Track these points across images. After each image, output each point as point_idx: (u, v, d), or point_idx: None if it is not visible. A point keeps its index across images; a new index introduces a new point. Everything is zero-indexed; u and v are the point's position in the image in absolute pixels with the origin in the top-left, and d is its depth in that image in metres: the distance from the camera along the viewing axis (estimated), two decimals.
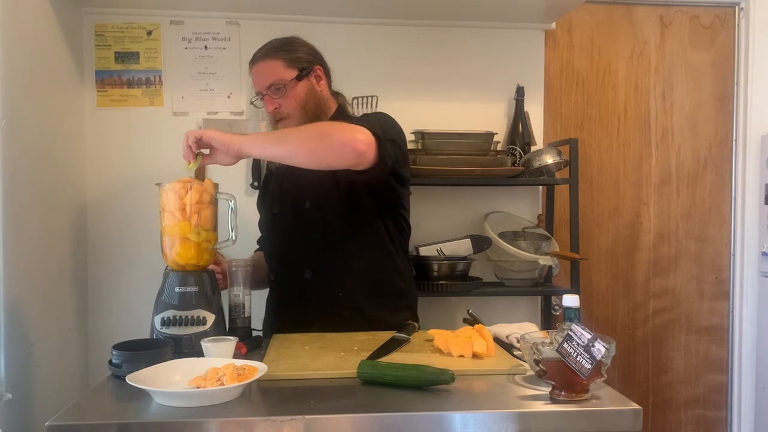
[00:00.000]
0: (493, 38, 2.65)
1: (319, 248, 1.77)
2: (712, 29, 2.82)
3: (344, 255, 1.77)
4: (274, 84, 1.78)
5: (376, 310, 1.75)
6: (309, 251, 1.78)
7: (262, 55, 1.82)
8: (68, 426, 1.09)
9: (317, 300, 1.77)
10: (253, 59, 1.84)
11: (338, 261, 1.76)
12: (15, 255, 1.82)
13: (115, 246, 2.49)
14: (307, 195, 1.78)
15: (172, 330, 1.51)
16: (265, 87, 1.79)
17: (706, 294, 2.87)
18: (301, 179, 1.76)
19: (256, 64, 1.82)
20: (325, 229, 1.77)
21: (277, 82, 1.78)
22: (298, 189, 1.80)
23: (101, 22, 2.47)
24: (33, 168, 1.98)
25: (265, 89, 1.79)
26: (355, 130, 1.54)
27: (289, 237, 1.83)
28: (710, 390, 2.88)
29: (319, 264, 1.77)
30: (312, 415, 1.10)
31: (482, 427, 1.11)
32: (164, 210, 1.58)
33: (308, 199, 1.78)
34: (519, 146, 2.57)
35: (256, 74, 1.83)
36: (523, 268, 2.48)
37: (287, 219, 1.83)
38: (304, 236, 1.79)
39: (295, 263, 1.80)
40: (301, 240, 1.80)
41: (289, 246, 1.83)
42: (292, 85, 1.78)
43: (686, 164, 2.84)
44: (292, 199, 1.82)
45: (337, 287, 1.76)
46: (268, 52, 1.82)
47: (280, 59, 1.80)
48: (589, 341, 1.15)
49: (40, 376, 2.00)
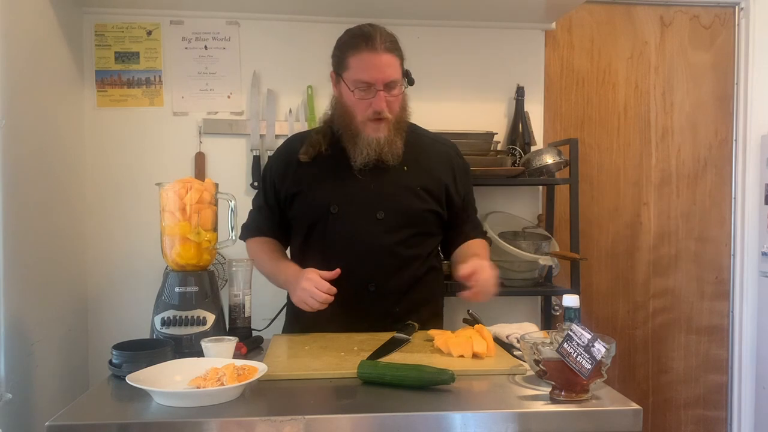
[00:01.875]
0: (493, 38, 2.65)
1: (385, 261, 1.71)
2: (712, 29, 2.83)
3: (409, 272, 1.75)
4: (394, 82, 1.64)
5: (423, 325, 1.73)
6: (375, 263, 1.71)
7: (386, 47, 1.63)
8: (68, 426, 1.09)
9: (372, 312, 1.72)
10: (373, 44, 1.61)
11: (403, 278, 1.74)
12: (15, 255, 1.82)
13: (115, 246, 2.49)
14: (382, 205, 1.71)
15: (172, 330, 1.50)
16: (384, 82, 1.62)
17: (706, 294, 2.87)
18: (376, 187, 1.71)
19: (379, 53, 1.61)
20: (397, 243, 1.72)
21: (396, 82, 1.65)
22: (374, 196, 1.71)
23: (101, 22, 2.48)
24: (33, 168, 1.98)
25: (382, 84, 1.63)
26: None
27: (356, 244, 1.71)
28: (710, 390, 2.88)
29: (386, 279, 1.72)
30: (312, 415, 1.10)
31: (482, 427, 1.11)
32: (164, 210, 1.58)
33: (382, 209, 1.71)
34: (519, 146, 2.57)
35: (374, 63, 1.61)
36: (523, 268, 2.48)
37: (351, 223, 1.71)
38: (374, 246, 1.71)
39: (359, 273, 1.70)
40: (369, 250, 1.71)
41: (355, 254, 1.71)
42: (401, 88, 1.67)
43: (686, 164, 2.84)
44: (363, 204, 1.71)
45: (396, 303, 1.74)
46: (391, 45, 1.64)
47: (399, 57, 1.66)
48: (589, 341, 1.15)
49: (40, 376, 2.00)
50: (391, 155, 1.69)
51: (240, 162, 2.54)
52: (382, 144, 1.68)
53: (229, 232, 1.69)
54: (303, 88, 2.56)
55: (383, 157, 1.69)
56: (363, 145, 1.68)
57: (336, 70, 1.72)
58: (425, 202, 1.74)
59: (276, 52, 2.54)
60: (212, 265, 1.65)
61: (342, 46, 1.70)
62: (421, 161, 1.77)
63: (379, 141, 1.68)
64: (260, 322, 1.76)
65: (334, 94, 1.78)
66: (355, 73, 1.64)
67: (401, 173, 1.73)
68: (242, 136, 2.54)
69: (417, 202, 1.73)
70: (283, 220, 1.84)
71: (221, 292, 1.65)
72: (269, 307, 1.89)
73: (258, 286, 1.76)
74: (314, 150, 1.75)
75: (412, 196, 1.73)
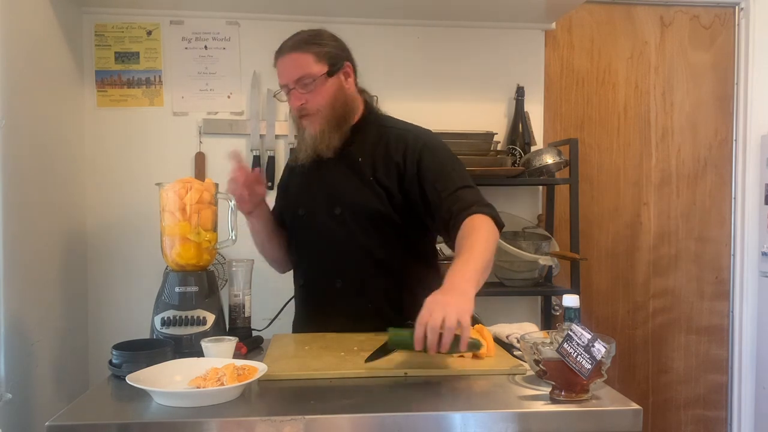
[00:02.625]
0: (493, 38, 2.65)
1: (350, 257, 1.72)
2: (712, 29, 2.83)
3: (374, 265, 1.72)
4: (303, 78, 1.67)
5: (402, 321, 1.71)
6: (341, 259, 1.72)
7: (291, 46, 1.70)
8: (68, 426, 1.09)
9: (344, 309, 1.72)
10: (281, 50, 1.71)
11: (369, 271, 1.72)
12: (15, 255, 1.82)
13: (115, 246, 2.49)
14: (337, 200, 1.71)
15: (172, 330, 1.50)
16: (293, 81, 1.68)
17: (706, 294, 2.87)
18: (332, 183, 1.72)
19: (284, 55, 1.70)
20: (357, 237, 1.71)
21: (306, 77, 1.67)
22: (330, 193, 1.73)
23: (101, 22, 2.48)
24: (33, 168, 1.98)
25: (293, 83, 1.68)
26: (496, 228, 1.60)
27: (319, 243, 1.75)
28: (710, 390, 2.88)
29: (350, 274, 1.72)
30: (312, 415, 1.10)
31: (482, 427, 1.11)
32: (164, 210, 1.58)
33: (338, 205, 1.71)
34: (519, 146, 2.57)
35: (282, 66, 1.71)
36: (523, 268, 2.48)
37: (315, 223, 1.75)
38: (335, 243, 1.72)
39: (327, 271, 1.74)
40: (332, 247, 1.73)
41: (319, 252, 1.75)
42: (321, 81, 1.67)
43: (686, 164, 2.84)
44: (322, 202, 1.74)
45: (368, 299, 1.72)
46: (297, 44, 1.70)
47: (310, 53, 1.68)
48: (589, 341, 1.15)
49: (40, 376, 2.00)
50: (326, 147, 1.69)
51: None
52: (315, 137, 1.69)
53: (229, 232, 1.69)
54: None
55: (318, 152, 1.70)
56: (302, 141, 1.73)
57: None
58: (377, 191, 1.70)
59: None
60: (212, 265, 1.65)
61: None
62: (378, 150, 1.73)
63: (312, 136, 1.70)
64: (260, 322, 1.76)
65: None
66: (279, 81, 1.73)
67: (356, 165, 1.72)
68: (242, 136, 2.54)
69: (369, 193, 1.70)
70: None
71: (221, 292, 1.65)
72: (269, 307, 1.89)
73: (258, 286, 1.77)
74: (294, 155, 1.82)
75: (364, 186, 1.70)
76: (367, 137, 1.73)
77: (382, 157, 1.71)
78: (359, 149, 1.72)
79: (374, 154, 1.72)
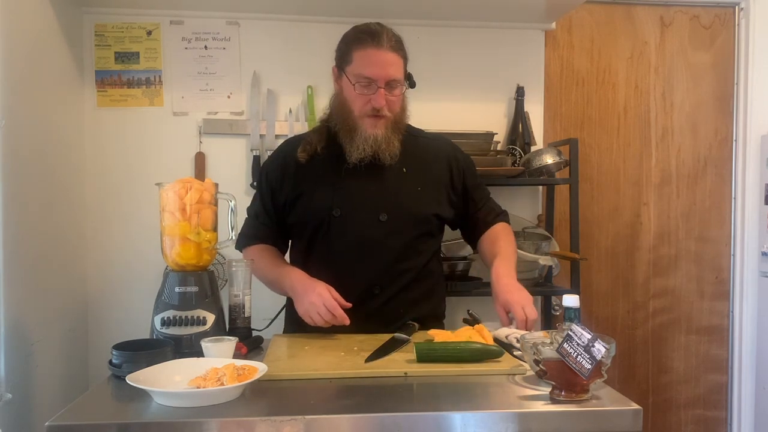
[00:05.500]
0: (493, 38, 2.65)
1: (389, 263, 1.72)
2: (712, 29, 2.82)
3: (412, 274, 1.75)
4: (395, 81, 1.65)
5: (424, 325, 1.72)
6: (378, 264, 1.71)
7: (390, 44, 1.64)
8: (68, 426, 1.09)
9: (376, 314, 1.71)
10: (378, 41, 1.63)
11: (407, 280, 1.74)
12: (15, 255, 1.82)
13: (114, 246, 2.49)
14: (385, 207, 1.71)
15: (172, 330, 1.50)
16: (385, 80, 1.63)
17: (706, 294, 2.87)
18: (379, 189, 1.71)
19: (384, 50, 1.63)
20: (400, 244, 1.72)
21: (397, 81, 1.66)
22: (376, 199, 1.72)
23: (101, 22, 2.48)
24: (33, 168, 1.98)
25: (383, 81, 1.63)
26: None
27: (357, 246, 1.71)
28: (710, 390, 2.88)
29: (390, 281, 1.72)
30: (312, 415, 1.10)
31: (482, 427, 1.11)
32: (164, 210, 1.58)
33: (385, 212, 1.70)
34: (519, 146, 2.57)
35: (378, 60, 1.63)
36: (523, 268, 2.47)
37: (354, 226, 1.70)
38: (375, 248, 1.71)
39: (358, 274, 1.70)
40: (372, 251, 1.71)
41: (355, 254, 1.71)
42: (402, 88, 1.69)
43: (686, 164, 2.84)
44: (366, 207, 1.71)
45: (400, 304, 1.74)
46: (396, 45, 1.66)
47: (403, 58, 1.68)
48: (589, 341, 1.15)
49: (40, 376, 2.00)
50: (388, 153, 1.68)
51: (240, 162, 2.54)
52: (380, 141, 1.67)
53: (229, 232, 1.69)
54: (303, 88, 2.56)
55: (380, 155, 1.68)
56: (359, 140, 1.67)
57: (339, 64, 1.73)
58: (426, 204, 1.75)
59: (276, 52, 2.54)
60: (212, 265, 1.65)
61: (348, 41, 1.71)
62: (420, 162, 1.77)
63: (376, 137, 1.67)
64: (260, 322, 1.76)
65: (335, 89, 1.78)
66: (358, 68, 1.65)
67: (401, 174, 1.73)
68: (242, 136, 2.54)
69: (418, 204, 1.74)
70: (282, 226, 1.82)
71: (221, 292, 1.65)
72: (269, 307, 1.89)
73: (258, 286, 1.76)
74: (311, 148, 1.74)
75: (413, 197, 1.73)
76: (406, 147, 1.74)
77: (426, 170, 1.77)
78: (402, 158, 1.73)
79: (416, 163, 1.76)
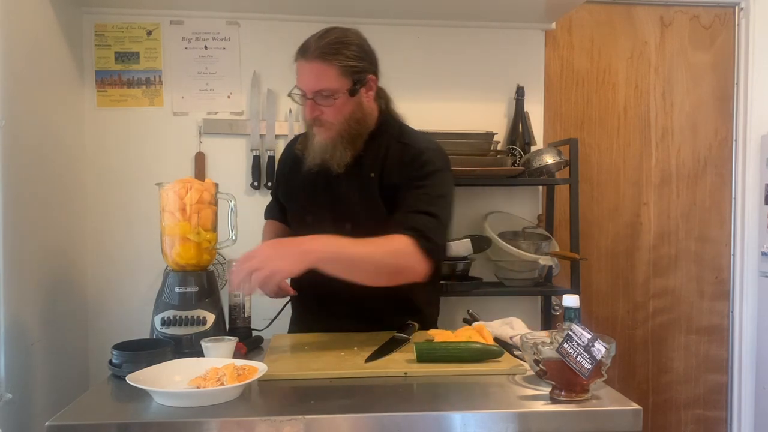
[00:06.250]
0: (493, 38, 2.65)
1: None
2: (712, 29, 2.83)
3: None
4: (323, 91, 1.60)
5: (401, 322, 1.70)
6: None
7: (316, 53, 1.59)
8: (68, 426, 1.09)
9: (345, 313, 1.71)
10: (305, 52, 1.61)
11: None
12: (15, 255, 1.82)
13: (114, 246, 2.49)
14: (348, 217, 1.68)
15: (172, 330, 1.50)
16: (312, 91, 1.60)
17: (706, 294, 2.87)
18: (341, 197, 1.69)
19: (308, 61, 1.60)
20: None
21: (327, 90, 1.60)
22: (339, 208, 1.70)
23: (101, 22, 2.48)
24: (33, 168, 1.98)
25: (311, 93, 1.61)
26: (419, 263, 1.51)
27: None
28: (710, 390, 2.88)
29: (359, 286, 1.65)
30: (312, 415, 1.10)
31: (482, 427, 1.11)
32: (164, 210, 1.58)
33: (348, 221, 1.67)
34: (519, 146, 2.57)
35: (304, 71, 1.62)
36: (523, 268, 2.48)
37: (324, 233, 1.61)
38: None
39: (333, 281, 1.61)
40: None
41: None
42: (342, 98, 1.61)
43: (686, 164, 2.84)
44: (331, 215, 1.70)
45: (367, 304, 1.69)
46: (323, 53, 1.59)
47: (335, 65, 1.59)
48: (589, 341, 1.15)
49: (40, 376, 2.00)
50: (334, 161, 1.65)
51: (240, 162, 2.54)
52: (325, 148, 1.65)
53: (229, 232, 1.69)
54: None
55: (325, 163, 1.66)
56: (311, 148, 1.68)
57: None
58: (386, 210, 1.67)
59: (276, 52, 2.54)
60: (212, 265, 1.65)
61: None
62: (386, 166, 1.70)
63: (321, 145, 1.65)
64: (260, 322, 1.76)
65: None
66: (296, 80, 1.66)
67: (368, 181, 1.68)
68: (242, 136, 2.54)
69: (380, 211, 1.67)
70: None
71: (221, 292, 1.65)
72: (269, 307, 1.89)
73: None
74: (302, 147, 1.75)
75: (375, 205, 1.67)
76: (380, 150, 1.68)
77: (396, 175, 1.65)
78: (371, 163, 1.67)
79: (387, 169, 1.67)
